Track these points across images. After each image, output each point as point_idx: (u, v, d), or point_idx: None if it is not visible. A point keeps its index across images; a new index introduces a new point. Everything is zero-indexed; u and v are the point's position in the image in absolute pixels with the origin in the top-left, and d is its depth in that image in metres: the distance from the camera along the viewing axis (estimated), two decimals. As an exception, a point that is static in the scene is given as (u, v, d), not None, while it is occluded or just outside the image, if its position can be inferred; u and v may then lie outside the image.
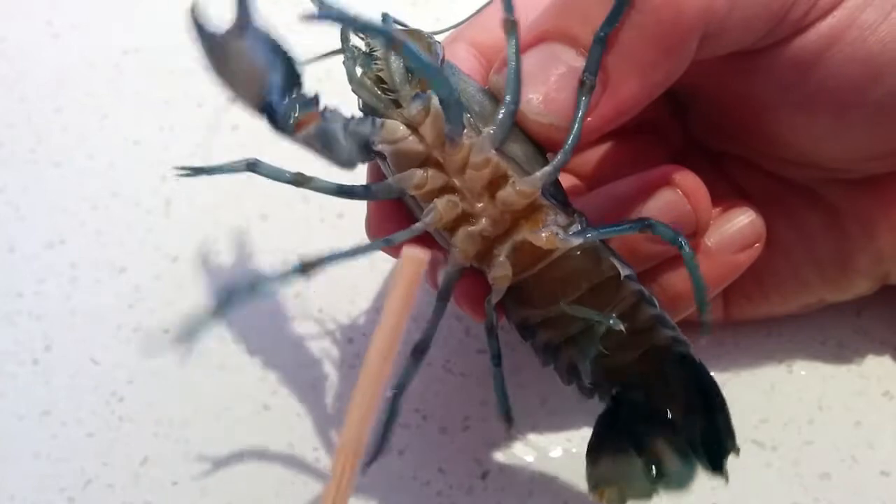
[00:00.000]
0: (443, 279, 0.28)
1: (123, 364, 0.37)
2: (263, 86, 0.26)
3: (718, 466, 0.28)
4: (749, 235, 0.31)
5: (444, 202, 0.27)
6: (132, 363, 0.37)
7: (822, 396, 0.34)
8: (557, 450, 0.34)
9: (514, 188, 0.26)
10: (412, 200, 0.28)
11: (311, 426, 0.35)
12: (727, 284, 0.31)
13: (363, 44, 0.28)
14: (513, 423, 0.30)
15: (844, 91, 0.27)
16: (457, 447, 0.34)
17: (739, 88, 0.29)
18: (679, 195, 0.29)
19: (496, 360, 0.29)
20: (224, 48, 0.26)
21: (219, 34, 0.26)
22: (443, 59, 0.27)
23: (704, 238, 0.30)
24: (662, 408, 0.29)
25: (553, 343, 0.29)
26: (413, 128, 0.27)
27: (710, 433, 0.29)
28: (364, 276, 0.38)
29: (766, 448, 0.33)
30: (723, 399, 0.29)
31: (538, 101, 0.26)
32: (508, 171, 0.27)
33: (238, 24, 0.26)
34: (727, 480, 0.28)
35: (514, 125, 0.27)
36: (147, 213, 0.41)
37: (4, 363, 0.37)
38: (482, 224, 0.27)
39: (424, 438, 0.34)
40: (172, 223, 0.41)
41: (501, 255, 0.27)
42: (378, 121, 0.27)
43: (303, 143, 0.26)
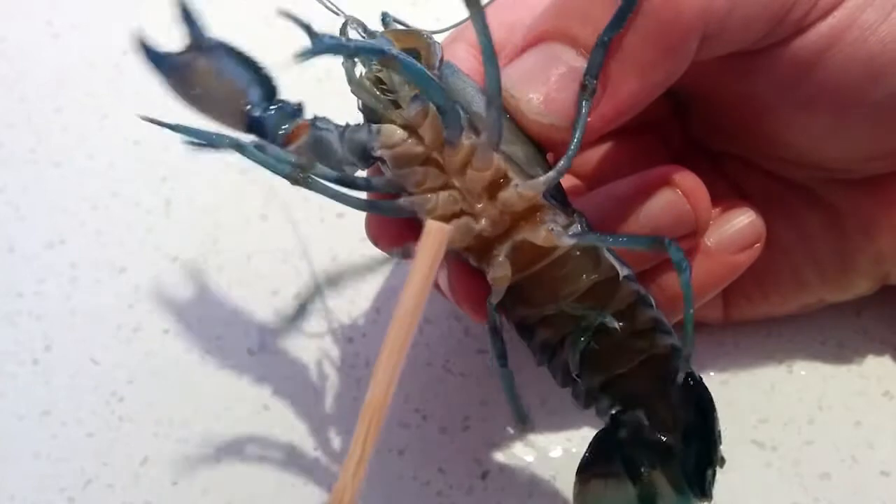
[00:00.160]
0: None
1: (123, 364, 0.37)
2: (244, 102, 0.26)
3: (705, 491, 0.28)
4: (749, 236, 0.31)
5: (445, 196, 0.27)
6: (132, 363, 0.37)
7: (822, 396, 0.34)
8: (557, 450, 0.34)
9: (517, 191, 0.26)
10: (409, 198, 0.28)
11: (311, 426, 0.35)
12: (727, 285, 0.31)
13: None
14: (528, 422, 0.29)
15: (845, 91, 0.27)
16: (457, 447, 0.34)
17: (739, 89, 0.29)
18: (679, 195, 0.29)
19: (502, 361, 0.28)
20: (186, 71, 0.25)
21: (177, 58, 0.25)
22: (442, 59, 0.27)
23: (704, 238, 0.30)
24: (661, 433, 0.28)
25: (551, 343, 0.29)
26: (412, 129, 0.27)
27: (703, 460, 0.28)
28: (364, 278, 0.38)
29: (766, 448, 0.33)
30: (718, 425, 0.28)
31: (538, 102, 0.26)
32: (509, 173, 0.26)
33: (193, 43, 0.25)
34: (711, 500, 0.28)
35: (514, 125, 0.27)
36: (147, 213, 0.41)
37: (4, 363, 0.37)
38: (481, 224, 0.27)
39: (424, 438, 0.34)
40: (172, 223, 0.41)
41: (501, 255, 0.27)
42: (374, 127, 0.27)
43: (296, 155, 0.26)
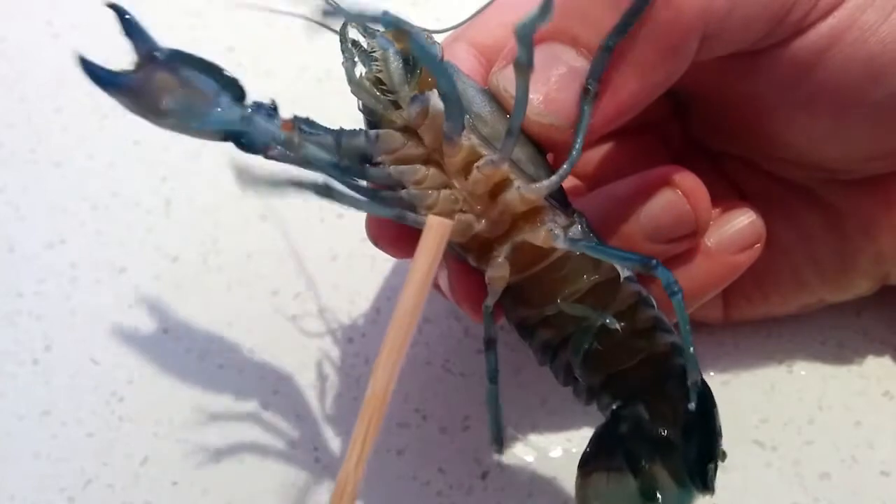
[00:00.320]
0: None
1: (123, 364, 0.37)
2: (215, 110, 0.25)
3: (707, 484, 0.27)
4: (749, 236, 0.31)
5: (445, 195, 0.27)
6: (132, 363, 0.37)
7: (822, 396, 0.34)
8: (557, 450, 0.34)
9: (519, 193, 0.26)
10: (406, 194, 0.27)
11: (311, 426, 0.35)
12: (727, 285, 0.31)
13: (364, 44, 0.27)
14: (503, 447, 0.29)
15: (845, 92, 0.27)
16: (457, 447, 0.34)
17: (740, 89, 0.29)
18: (679, 195, 0.29)
19: (492, 376, 0.28)
20: (147, 87, 0.24)
21: (132, 77, 0.24)
22: (442, 60, 0.27)
23: (704, 238, 0.30)
24: (662, 426, 0.28)
25: (552, 343, 0.29)
26: (412, 130, 0.27)
27: (704, 453, 0.28)
28: (364, 278, 0.38)
29: (766, 448, 0.33)
30: (716, 412, 0.28)
31: (538, 102, 0.26)
32: (511, 175, 0.26)
33: (145, 56, 0.24)
34: (713, 493, 0.27)
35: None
36: (147, 213, 0.41)
37: (4, 363, 0.37)
38: (481, 225, 0.27)
39: (424, 438, 0.34)
40: (172, 223, 0.41)
41: (501, 256, 0.27)
42: (372, 134, 0.26)
43: (282, 160, 0.26)
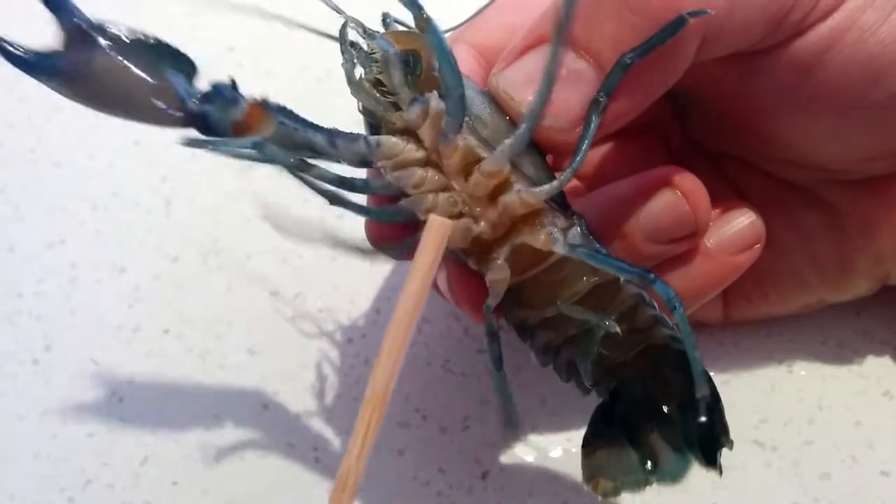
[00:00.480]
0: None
1: (123, 364, 0.37)
2: (173, 94, 0.22)
3: (712, 460, 0.28)
4: (749, 237, 0.31)
5: (444, 198, 0.27)
6: (132, 363, 0.37)
7: (822, 396, 0.34)
8: (557, 450, 0.34)
9: (519, 196, 0.26)
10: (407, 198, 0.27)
11: (311, 426, 0.35)
12: (727, 286, 0.31)
13: (364, 46, 0.27)
14: (517, 428, 0.30)
15: (844, 93, 0.27)
16: (457, 447, 0.34)
17: (739, 90, 0.29)
18: (678, 196, 0.29)
19: (498, 364, 0.29)
20: (82, 70, 0.21)
21: (61, 58, 0.22)
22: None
23: (704, 239, 0.30)
24: (658, 402, 0.30)
25: (552, 344, 0.29)
26: (411, 132, 0.27)
27: (707, 432, 0.29)
28: (364, 278, 0.38)
29: (766, 448, 0.33)
30: (717, 394, 0.29)
31: None
32: (511, 178, 0.26)
33: (74, 35, 0.21)
34: (721, 473, 0.28)
35: (513, 127, 0.27)
36: (147, 213, 0.42)
37: (4, 363, 0.37)
38: (481, 227, 0.27)
39: (424, 438, 0.34)
40: (172, 223, 0.41)
41: (500, 258, 0.27)
42: (373, 141, 0.26)
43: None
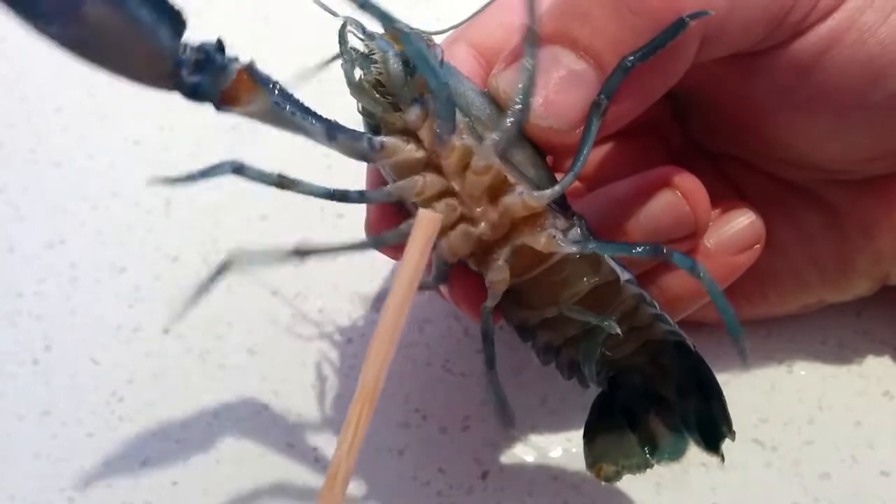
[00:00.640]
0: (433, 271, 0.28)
1: (123, 364, 0.37)
2: (169, 59, 0.22)
3: (713, 446, 0.29)
4: (749, 237, 0.31)
5: (443, 206, 0.26)
6: (132, 363, 0.37)
7: (822, 396, 0.34)
8: (557, 450, 0.34)
9: (521, 199, 0.26)
10: (412, 205, 0.28)
11: (311, 426, 0.35)
12: (727, 286, 0.31)
13: (362, 46, 0.27)
14: (513, 424, 0.30)
15: (844, 93, 0.27)
16: (457, 447, 0.34)
17: (739, 90, 0.29)
18: (678, 196, 0.29)
19: (490, 364, 0.29)
20: (73, 15, 0.21)
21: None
22: (442, 61, 0.27)
23: (704, 239, 0.30)
24: (657, 390, 0.30)
25: (553, 345, 0.29)
26: (411, 133, 0.27)
27: (706, 416, 0.30)
28: (364, 278, 0.38)
29: (766, 448, 0.33)
30: (718, 387, 0.30)
31: (538, 105, 0.26)
32: (509, 177, 0.26)
33: None
34: (723, 460, 0.29)
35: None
36: (147, 213, 0.41)
37: (4, 363, 0.37)
38: (481, 228, 0.27)
39: (424, 438, 0.34)
40: (172, 223, 0.41)
41: (500, 260, 0.27)
42: (377, 142, 0.26)
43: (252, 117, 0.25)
